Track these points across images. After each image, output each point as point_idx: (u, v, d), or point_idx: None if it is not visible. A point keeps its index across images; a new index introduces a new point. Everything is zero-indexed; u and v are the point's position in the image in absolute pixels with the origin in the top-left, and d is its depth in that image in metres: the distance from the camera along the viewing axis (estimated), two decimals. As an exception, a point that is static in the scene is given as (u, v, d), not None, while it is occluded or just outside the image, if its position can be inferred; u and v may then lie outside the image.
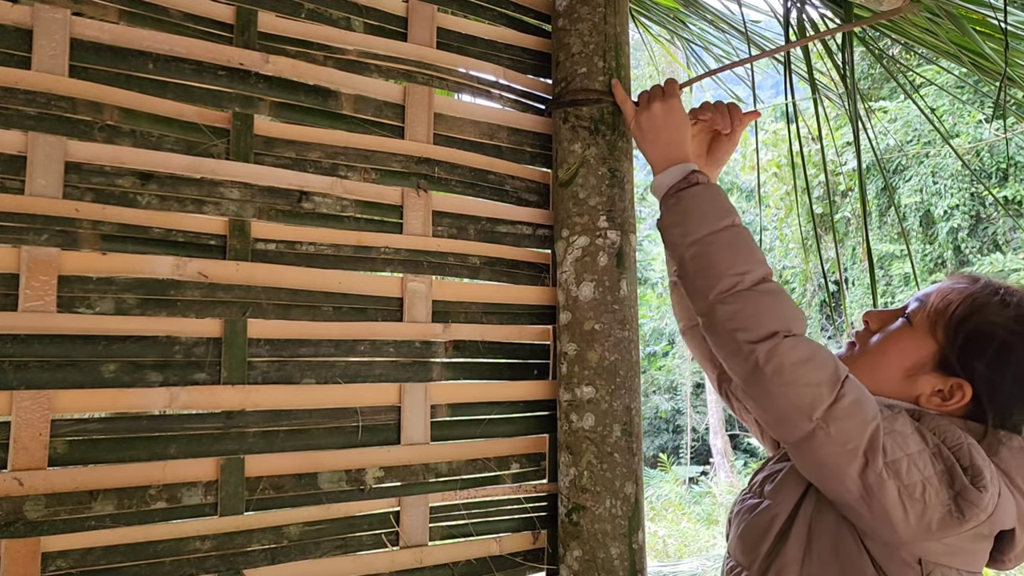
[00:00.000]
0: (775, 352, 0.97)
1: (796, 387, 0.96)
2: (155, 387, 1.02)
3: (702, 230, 1.07)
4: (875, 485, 0.93)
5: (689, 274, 1.08)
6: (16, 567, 0.92)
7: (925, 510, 0.93)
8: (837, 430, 0.94)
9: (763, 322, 1.00)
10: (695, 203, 1.10)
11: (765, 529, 1.07)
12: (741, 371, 1.01)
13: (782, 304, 1.03)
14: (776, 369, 0.96)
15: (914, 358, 1.08)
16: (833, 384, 0.96)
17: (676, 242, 1.10)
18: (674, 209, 1.11)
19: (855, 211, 11.13)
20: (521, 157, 1.36)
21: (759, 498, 1.12)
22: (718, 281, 1.03)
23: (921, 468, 0.94)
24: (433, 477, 1.21)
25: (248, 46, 1.13)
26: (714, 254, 1.05)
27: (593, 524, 1.19)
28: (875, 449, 0.93)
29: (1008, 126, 6.70)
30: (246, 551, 1.06)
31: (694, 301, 1.08)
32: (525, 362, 1.33)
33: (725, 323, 1.02)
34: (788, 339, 0.98)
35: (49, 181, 0.98)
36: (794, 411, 0.96)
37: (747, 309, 1.01)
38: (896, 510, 0.93)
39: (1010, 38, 1.60)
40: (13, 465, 0.93)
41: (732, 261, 1.04)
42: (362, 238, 1.19)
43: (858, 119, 1.73)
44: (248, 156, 1.11)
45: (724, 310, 1.02)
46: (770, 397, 0.98)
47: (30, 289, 0.95)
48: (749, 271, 1.04)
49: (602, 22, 1.29)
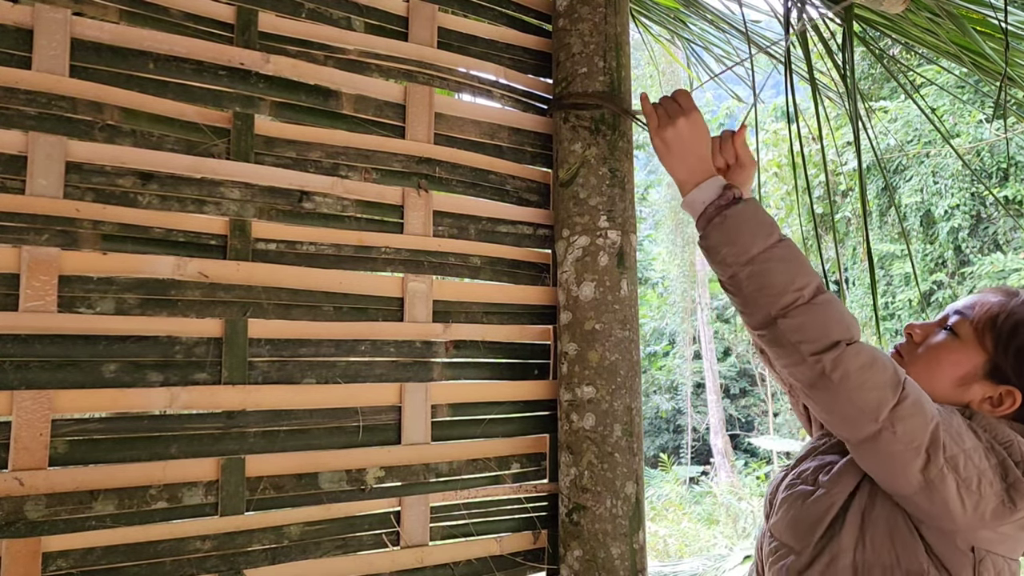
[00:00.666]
0: (841, 360, 1.01)
1: (863, 391, 1.00)
2: (156, 387, 1.02)
3: (755, 248, 1.09)
4: (936, 479, 0.99)
5: (746, 291, 1.10)
6: (17, 567, 0.92)
7: (980, 501, 1.00)
8: (902, 430, 1.00)
9: (827, 333, 1.03)
10: (742, 220, 1.11)
11: (821, 516, 1.11)
12: (806, 378, 1.05)
13: (841, 312, 1.07)
14: (843, 376, 1.01)
15: (965, 368, 1.14)
16: (896, 386, 1.01)
17: (729, 261, 1.10)
18: (720, 228, 1.11)
19: (855, 211, 11.13)
20: (522, 157, 1.36)
21: (813, 486, 1.16)
22: (780, 297, 1.06)
23: (976, 462, 1.01)
24: (434, 477, 1.21)
25: (249, 46, 1.13)
26: (771, 271, 1.08)
27: (594, 524, 1.19)
28: (937, 446, 0.99)
29: (1008, 126, 6.70)
30: (247, 551, 1.06)
31: (751, 316, 1.10)
32: (526, 362, 1.33)
33: (789, 336, 1.05)
34: (851, 346, 1.03)
35: (50, 181, 0.98)
36: (861, 414, 1.01)
37: (811, 322, 1.04)
38: (955, 502, 0.99)
39: (1010, 38, 1.60)
40: (14, 465, 0.93)
41: (791, 276, 1.07)
42: (363, 238, 1.19)
43: (858, 119, 1.73)
44: (249, 156, 1.11)
45: (788, 324, 1.05)
46: (837, 402, 1.03)
47: (31, 289, 0.95)
48: (807, 284, 1.07)
49: (602, 22, 1.29)
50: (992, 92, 2.32)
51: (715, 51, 2.44)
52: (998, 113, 1.95)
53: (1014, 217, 9.40)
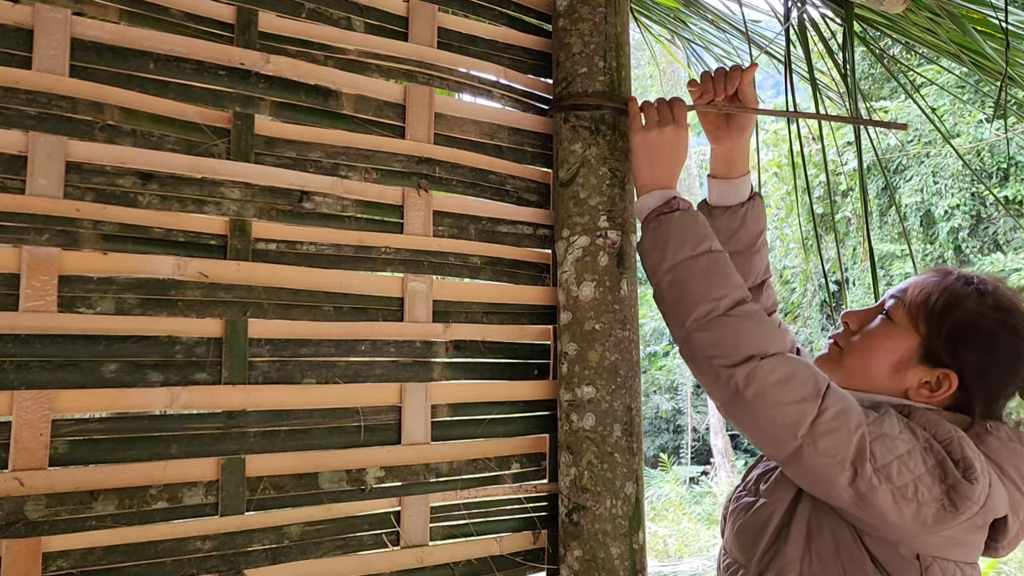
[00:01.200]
0: (754, 376, 0.98)
1: (780, 407, 0.97)
2: (156, 387, 1.02)
3: (679, 256, 1.08)
4: (867, 492, 0.95)
5: (667, 301, 1.09)
6: (17, 567, 0.92)
7: (919, 508, 0.95)
8: (824, 444, 0.96)
9: (740, 347, 1.01)
10: (674, 228, 1.11)
11: (762, 527, 1.08)
12: (722, 397, 1.02)
13: (758, 327, 1.04)
14: (757, 392, 0.98)
15: (900, 352, 1.10)
16: (815, 398, 0.97)
17: (654, 267, 1.11)
18: (653, 234, 1.13)
19: (856, 211, 11.13)
20: (522, 157, 1.36)
21: (755, 496, 1.13)
22: (694, 308, 1.05)
23: (912, 468, 0.96)
24: (434, 477, 1.21)
25: (249, 46, 1.13)
26: (690, 281, 1.06)
27: (593, 524, 1.19)
28: (863, 457, 0.95)
29: (1009, 126, 6.70)
30: (247, 551, 1.06)
31: (672, 329, 1.09)
32: (526, 362, 1.33)
33: (703, 350, 1.03)
34: (765, 360, 0.99)
35: (50, 181, 0.98)
36: (779, 431, 0.98)
37: (724, 335, 1.02)
38: (891, 512, 0.95)
39: (1011, 38, 1.60)
40: (14, 465, 0.93)
41: (708, 287, 1.05)
42: (363, 238, 1.19)
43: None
44: (249, 156, 1.11)
45: (701, 337, 1.03)
46: (754, 420, 1.00)
47: (31, 289, 0.95)
48: (724, 296, 1.05)
49: (603, 22, 1.29)
50: (992, 92, 2.32)
51: (715, 51, 2.44)
52: (998, 113, 1.95)
53: (1014, 217, 9.40)
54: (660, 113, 1.20)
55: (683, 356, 1.08)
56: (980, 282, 1.10)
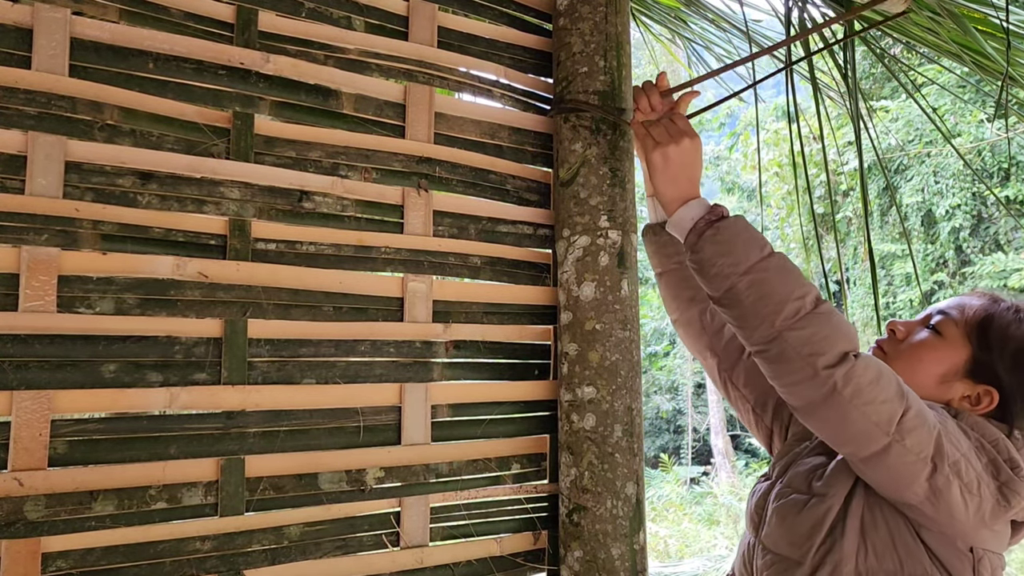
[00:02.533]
0: (852, 374, 0.99)
1: (874, 405, 0.99)
2: (155, 387, 1.02)
3: (751, 258, 1.07)
4: (943, 487, 1.00)
5: (746, 303, 1.06)
6: (16, 567, 0.92)
7: (981, 503, 1.01)
8: (911, 441, 1.00)
9: (836, 342, 1.01)
10: (736, 232, 1.09)
11: (818, 523, 1.10)
12: (813, 395, 1.02)
13: (844, 323, 1.05)
14: (855, 391, 0.99)
15: (948, 365, 1.16)
16: (901, 397, 1.01)
17: (726, 272, 1.08)
18: (714, 239, 1.10)
19: (856, 211, 11.12)
20: (522, 157, 1.36)
21: (807, 493, 1.14)
22: (783, 307, 1.03)
23: (974, 465, 1.02)
24: (434, 477, 1.20)
25: (249, 45, 1.13)
26: (771, 280, 1.05)
27: (594, 524, 1.19)
28: (942, 454, 1.00)
29: (1010, 125, 6.70)
30: (246, 551, 1.05)
31: (753, 330, 1.06)
32: (526, 362, 1.32)
33: (799, 348, 1.01)
34: (860, 359, 1.01)
35: (49, 181, 0.98)
36: (872, 428, 1.00)
37: (819, 331, 1.02)
38: (959, 507, 1.00)
39: (1012, 37, 1.60)
40: (13, 465, 0.93)
41: (790, 286, 1.05)
42: (363, 238, 1.19)
43: (859, 118, 1.73)
44: (248, 156, 1.11)
45: (795, 336, 1.02)
46: (845, 419, 1.01)
47: (30, 289, 0.95)
48: (807, 293, 1.05)
49: (603, 21, 1.29)
50: (993, 92, 2.32)
51: (716, 50, 2.44)
52: (999, 113, 1.94)
53: (1015, 217, 9.40)
54: (669, 129, 1.20)
55: (767, 357, 1.06)
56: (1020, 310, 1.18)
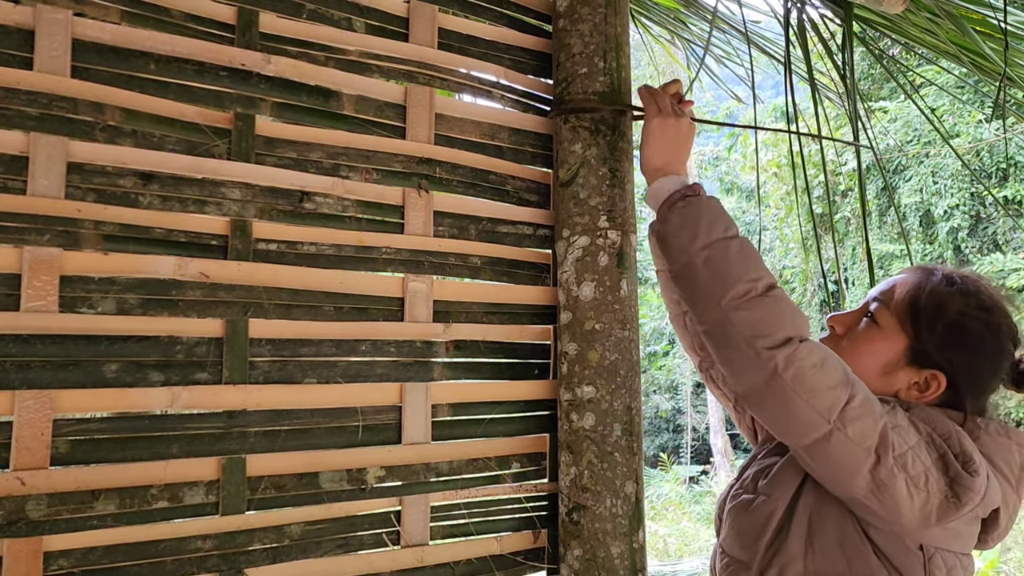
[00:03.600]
0: (794, 358, 0.97)
1: (816, 392, 0.97)
2: (157, 387, 1.02)
3: (713, 235, 1.06)
4: (887, 480, 0.96)
5: (699, 279, 1.06)
6: (18, 567, 0.92)
7: (928, 498, 0.96)
8: (854, 430, 0.96)
9: (780, 327, 1.00)
10: (705, 208, 1.10)
11: (763, 524, 1.07)
12: (755, 379, 1.00)
13: (793, 309, 1.04)
14: (796, 375, 0.97)
15: (888, 356, 1.11)
16: (846, 385, 0.98)
17: (684, 246, 1.08)
18: (683, 212, 1.10)
19: (855, 211, 11.13)
20: (522, 157, 1.36)
21: (753, 493, 1.13)
22: (732, 287, 1.02)
23: (923, 459, 0.98)
24: (434, 476, 1.21)
25: (249, 46, 1.13)
26: (728, 259, 1.05)
27: (594, 523, 1.19)
28: (886, 445, 0.96)
29: (1008, 126, 6.71)
30: (247, 550, 1.06)
31: (704, 307, 1.06)
32: (526, 362, 1.33)
33: (742, 330, 1.00)
34: (804, 344, 0.99)
35: (51, 181, 0.98)
36: (813, 415, 0.97)
37: (765, 315, 1.01)
38: (904, 501, 0.96)
39: (1010, 38, 1.60)
40: (15, 465, 0.93)
41: (745, 268, 1.04)
42: (363, 238, 1.19)
43: (858, 119, 1.73)
44: (249, 156, 1.11)
45: (740, 316, 1.01)
46: (787, 404, 0.98)
47: (32, 289, 0.96)
48: (761, 277, 1.04)
49: (603, 22, 1.29)
50: (992, 92, 2.33)
51: (715, 51, 2.45)
52: (997, 113, 1.95)
53: (1013, 217, 9.41)
54: (673, 106, 1.22)
55: (713, 337, 1.06)
56: (963, 281, 1.11)
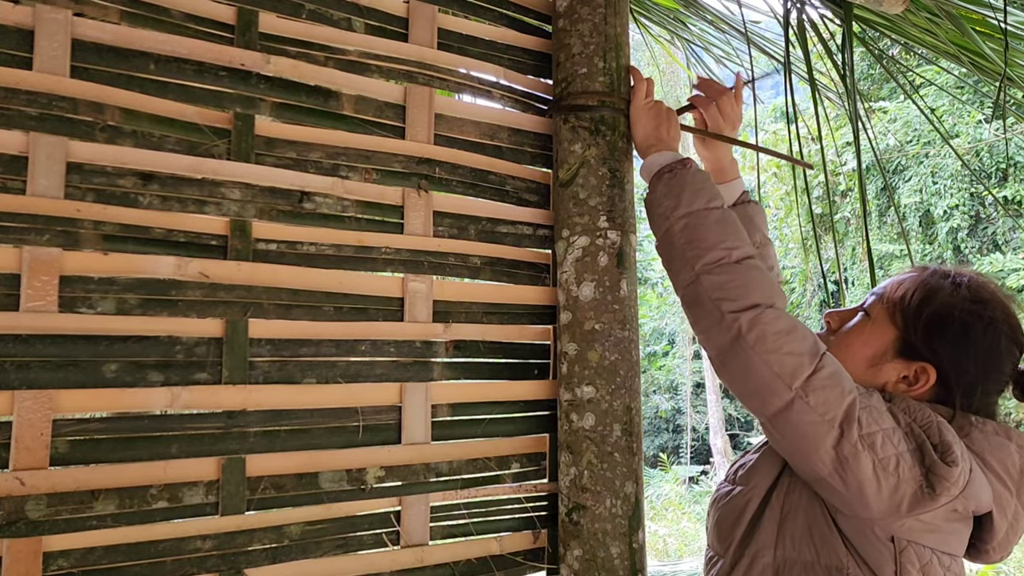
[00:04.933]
0: (758, 320, 1.00)
1: (778, 355, 0.98)
2: (156, 387, 1.02)
3: (695, 205, 1.11)
4: (850, 456, 0.94)
5: (676, 245, 1.10)
6: (18, 567, 0.92)
7: (898, 484, 0.94)
8: (816, 400, 0.96)
9: (748, 293, 1.03)
10: (690, 180, 1.14)
11: (739, 514, 1.08)
12: (721, 341, 1.03)
13: (766, 280, 1.06)
14: (759, 337, 0.99)
15: (876, 346, 1.10)
16: (813, 355, 0.99)
17: (666, 213, 1.13)
18: (669, 183, 1.15)
19: (855, 211, 11.14)
20: (522, 157, 1.36)
21: (732, 484, 1.14)
22: (707, 253, 1.06)
23: (895, 443, 0.96)
24: (434, 477, 1.21)
25: (249, 47, 1.13)
26: (705, 227, 1.09)
27: (593, 523, 1.19)
28: (851, 420, 0.95)
29: (1008, 126, 6.72)
30: (247, 550, 1.06)
31: (678, 272, 1.10)
32: (525, 362, 1.33)
33: (710, 292, 1.04)
34: (770, 310, 1.02)
35: (51, 181, 0.98)
36: (774, 379, 0.98)
37: (734, 280, 1.04)
38: (870, 484, 0.94)
39: (1010, 38, 1.60)
40: (15, 465, 0.93)
41: (722, 236, 1.08)
42: (363, 238, 1.19)
43: (858, 119, 1.73)
44: (249, 156, 1.11)
45: (710, 280, 1.05)
46: (751, 366, 1.00)
47: (32, 289, 0.96)
48: (737, 247, 1.07)
49: (602, 23, 1.29)
50: (991, 92, 2.33)
51: (715, 51, 2.45)
52: (997, 113, 1.95)
53: (1013, 217, 9.41)
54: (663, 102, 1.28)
55: (685, 301, 1.09)
56: (956, 275, 1.11)
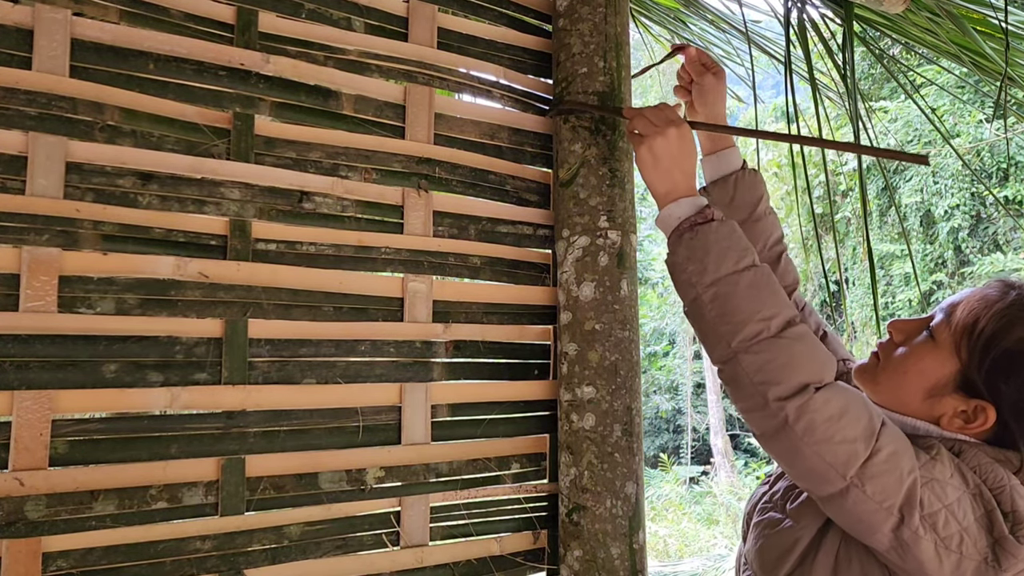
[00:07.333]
0: (806, 408, 0.90)
1: (830, 445, 0.90)
2: (156, 387, 1.02)
3: (723, 269, 0.99)
4: (910, 541, 0.89)
5: (707, 318, 1.00)
6: (17, 567, 0.92)
7: (961, 560, 0.89)
8: (873, 488, 0.89)
9: (794, 373, 0.92)
10: (714, 239, 1.02)
11: (787, 551, 1.02)
12: (766, 427, 0.94)
13: (812, 351, 0.95)
14: (808, 427, 0.90)
15: (935, 379, 1.00)
16: (868, 439, 0.90)
17: (692, 281, 1.01)
18: (690, 244, 1.03)
19: (855, 211, 11.13)
20: (522, 157, 1.36)
21: (781, 513, 1.07)
22: (742, 328, 0.96)
23: (960, 518, 0.89)
24: (434, 477, 1.21)
25: (249, 46, 1.13)
26: (737, 296, 0.98)
27: (594, 524, 1.19)
28: (912, 505, 0.88)
29: (1009, 126, 6.71)
30: (247, 551, 1.06)
31: (713, 347, 1.00)
32: (526, 362, 1.33)
33: (751, 375, 0.94)
34: (820, 392, 0.92)
35: (50, 181, 0.98)
36: (826, 469, 0.90)
37: (777, 359, 0.94)
38: (931, 562, 0.89)
39: (1010, 38, 1.60)
40: (14, 465, 0.93)
41: (757, 304, 0.97)
42: (363, 238, 1.19)
43: (859, 119, 1.73)
44: (249, 156, 1.11)
45: (749, 360, 0.95)
46: (799, 455, 0.92)
47: (31, 289, 0.95)
48: (775, 315, 0.96)
49: (603, 22, 1.29)
50: (992, 92, 2.33)
51: (715, 51, 2.44)
52: (998, 113, 1.95)
53: (1014, 217, 9.41)
54: (654, 118, 1.13)
55: (723, 377, 0.99)
56: None
